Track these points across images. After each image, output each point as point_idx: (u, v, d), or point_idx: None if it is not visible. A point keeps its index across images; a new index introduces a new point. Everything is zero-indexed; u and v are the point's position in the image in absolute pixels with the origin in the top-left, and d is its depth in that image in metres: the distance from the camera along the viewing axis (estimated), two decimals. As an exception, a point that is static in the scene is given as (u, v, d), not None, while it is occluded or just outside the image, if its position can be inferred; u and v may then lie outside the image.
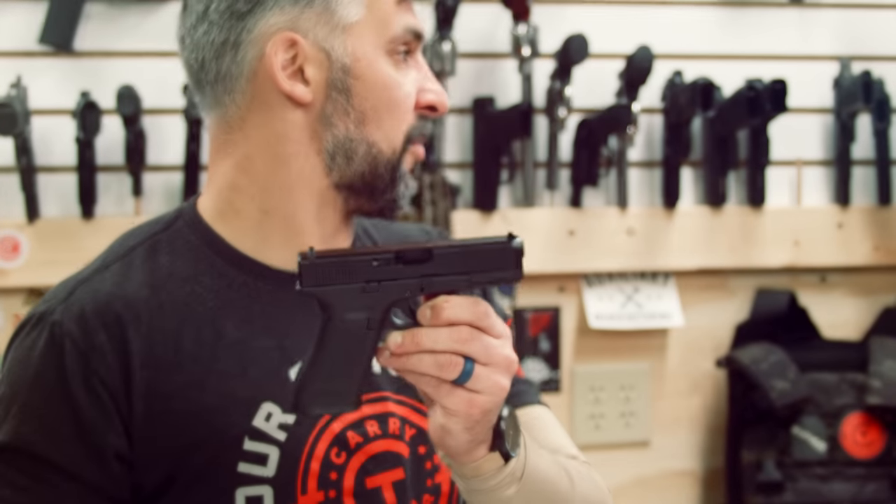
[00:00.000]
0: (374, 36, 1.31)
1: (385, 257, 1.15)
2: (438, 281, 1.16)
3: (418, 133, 1.35)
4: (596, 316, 2.65)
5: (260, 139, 1.33)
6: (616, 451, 2.68)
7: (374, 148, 1.32)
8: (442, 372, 1.15)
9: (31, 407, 1.26)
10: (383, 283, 1.15)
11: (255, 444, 1.28)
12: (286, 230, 1.34)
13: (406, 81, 1.33)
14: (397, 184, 1.35)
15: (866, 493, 2.54)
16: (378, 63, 1.31)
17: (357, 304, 1.15)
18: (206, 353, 1.29)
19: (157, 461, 1.27)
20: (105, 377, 1.26)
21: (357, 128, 1.32)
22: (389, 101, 1.32)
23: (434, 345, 1.14)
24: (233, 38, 1.31)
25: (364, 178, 1.33)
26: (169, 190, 2.49)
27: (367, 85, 1.31)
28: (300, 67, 1.30)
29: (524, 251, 1.18)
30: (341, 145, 1.32)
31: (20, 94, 2.35)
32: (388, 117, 1.32)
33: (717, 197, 2.67)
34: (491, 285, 1.20)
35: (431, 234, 1.54)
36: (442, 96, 1.36)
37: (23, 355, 1.28)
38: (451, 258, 1.16)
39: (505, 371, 1.17)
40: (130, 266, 1.33)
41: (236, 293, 1.33)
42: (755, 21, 2.75)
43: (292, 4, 1.30)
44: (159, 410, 1.26)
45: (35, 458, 1.25)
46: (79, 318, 1.27)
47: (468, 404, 1.16)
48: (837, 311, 2.79)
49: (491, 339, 1.16)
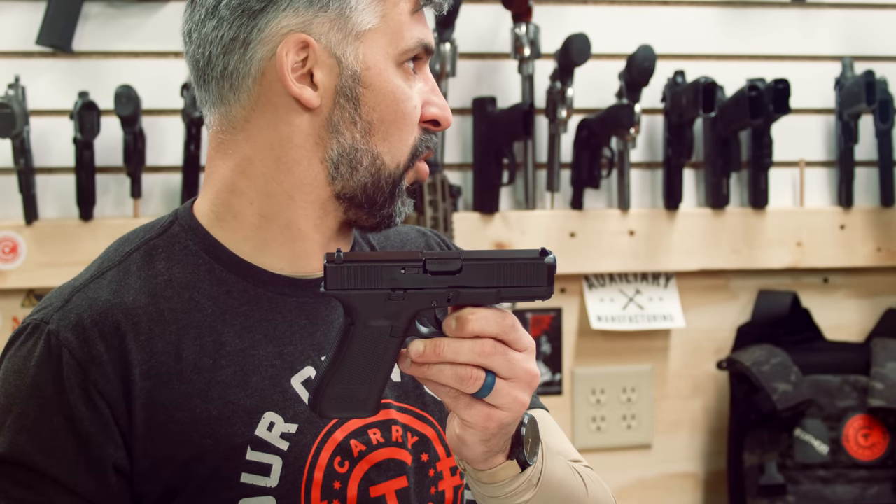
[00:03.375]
0: (387, 46, 1.30)
1: (413, 265, 1.14)
2: (466, 293, 1.14)
3: (424, 147, 1.34)
4: (597, 317, 2.64)
5: (263, 141, 1.31)
6: (617, 453, 2.67)
7: (379, 160, 1.31)
8: (462, 385, 1.14)
9: (27, 418, 1.24)
10: (409, 292, 1.14)
11: (257, 454, 1.27)
12: (285, 236, 1.33)
13: (414, 94, 1.32)
14: (395, 199, 1.33)
15: (869, 495, 2.53)
16: (388, 73, 1.30)
17: (382, 310, 1.14)
18: (206, 362, 1.28)
19: (158, 473, 1.25)
20: (104, 389, 1.24)
21: (363, 138, 1.30)
22: (397, 113, 1.31)
23: (455, 356, 1.13)
24: (243, 35, 1.29)
25: (366, 189, 1.32)
26: (168, 191, 2.48)
27: (376, 95, 1.30)
28: (310, 71, 1.29)
29: (556, 268, 1.16)
30: (346, 154, 1.30)
31: (18, 95, 2.35)
32: (395, 129, 1.31)
33: (719, 198, 2.66)
34: (520, 301, 1.18)
35: (428, 235, 1.53)
36: (446, 111, 1.35)
37: (19, 365, 1.26)
38: (481, 270, 1.14)
39: (526, 386, 1.16)
40: (127, 273, 1.31)
41: (235, 300, 1.32)
42: (757, 21, 2.74)
43: (307, 7, 1.28)
44: (160, 421, 1.25)
45: (32, 470, 1.23)
46: (76, 327, 1.26)
47: (486, 418, 1.15)
48: (840, 313, 2.78)
49: (514, 354, 1.15)
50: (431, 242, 1.51)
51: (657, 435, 2.70)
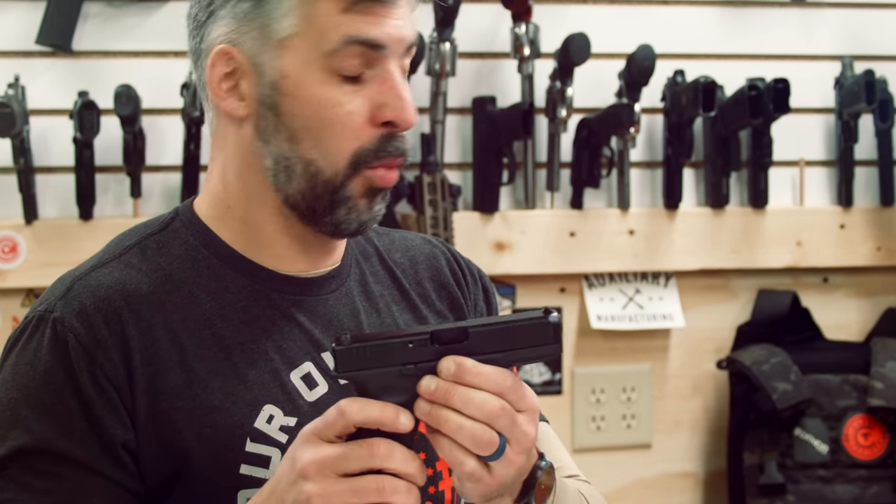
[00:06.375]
0: (310, 50, 1.26)
1: (420, 339, 1.14)
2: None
3: (375, 154, 1.28)
4: (597, 317, 2.64)
5: (228, 149, 1.34)
6: (617, 453, 2.67)
7: (313, 167, 1.28)
8: (478, 446, 1.13)
9: (44, 406, 1.24)
10: (419, 365, 1.14)
11: (257, 445, 1.27)
12: (264, 239, 1.34)
13: (347, 100, 1.26)
14: (338, 207, 1.29)
15: (869, 495, 2.53)
16: (309, 80, 1.26)
17: (394, 386, 1.14)
18: (206, 353, 1.28)
19: (159, 461, 1.26)
20: (110, 373, 1.25)
21: (291, 146, 1.28)
22: (324, 121, 1.26)
23: (464, 406, 1.12)
24: (195, 46, 1.33)
25: (304, 197, 1.29)
26: (168, 191, 2.48)
27: (297, 102, 1.27)
28: (237, 82, 1.29)
29: (562, 325, 1.16)
30: (280, 162, 1.29)
31: (18, 95, 2.35)
32: (327, 136, 1.27)
33: (718, 198, 2.66)
34: (529, 362, 1.18)
35: (434, 244, 1.51)
36: (401, 112, 1.27)
37: (30, 357, 1.27)
38: (488, 336, 1.14)
39: (524, 451, 1.15)
40: (128, 265, 1.32)
41: (234, 295, 1.32)
42: (757, 20, 2.74)
43: (235, 18, 1.28)
44: (161, 408, 1.26)
45: (55, 455, 1.23)
46: (80, 313, 1.26)
47: (490, 478, 1.14)
48: (839, 313, 2.78)
49: (519, 416, 1.14)
50: (437, 252, 1.50)
51: (657, 434, 2.70)
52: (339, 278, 1.38)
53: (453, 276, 1.48)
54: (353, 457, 1.12)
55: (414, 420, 1.14)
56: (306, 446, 1.14)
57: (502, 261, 2.55)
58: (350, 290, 1.39)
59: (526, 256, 2.58)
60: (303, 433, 1.15)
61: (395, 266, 1.45)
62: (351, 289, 1.39)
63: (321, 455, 1.12)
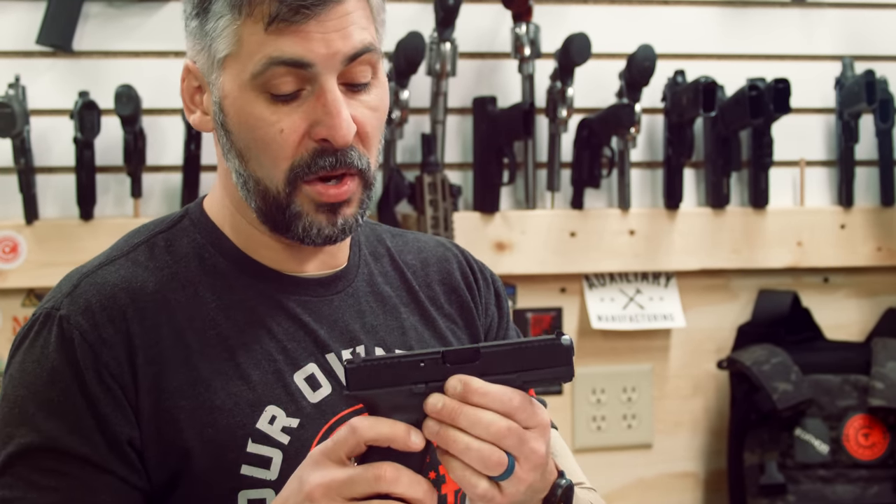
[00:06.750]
0: (240, 71, 1.26)
1: (432, 358, 1.14)
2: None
3: (308, 169, 1.26)
4: (598, 317, 2.64)
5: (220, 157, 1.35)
6: (618, 453, 2.67)
7: (261, 185, 1.29)
8: (487, 467, 1.12)
9: (51, 403, 1.25)
10: (430, 385, 1.14)
11: (258, 446, 1.27)
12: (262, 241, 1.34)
13: (277, 118, 1.26)
14: (293, 223, 1.29)
15: (869, 495, 2.53)
16: (242, 100, 1.27)
17: (405, 405, 1.14)
18: (210, 353, 1.29)
19: (162, 459, 1.26)
20: (115, 371, 1.25)
21: (241, 163, 1.30)
22: (256, 141, 1.27)
23: (470, 426, 1.12)
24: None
25: (263, 212, 1.30)
26: (168, 191, 2.48)
27: (236, 122, 1.28)
28: (203, 97, 1.32)
29: (573, 348, 1.16)
30: (239, 178, 1.31)
31: (19, 95, 2.34)
32: (263, 155, 1.27)
33: (719, 198, 2.66)
34: (540, 385, 1.17)
35: (448, 247, 1.51)
36: (335, 130, 1.24)
37: (37, 354, 1.27)
38: (499, 357, 1.14)
39: (534, 468, 1.15)
40: (135, 263, 1.32)
41: (239, 295, 1.32)
42: (757, 21, 2.74)
43: (191, 34, 1.30)
44: (164, 406, 1.26)
45: (62, 453, 1.24)
46: (85, 310, 1.27)
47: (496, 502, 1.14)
48: (840, 313, 2.78)
49: (527, 434, 1.14)
50: (449, 255, 1.49)
51: (657, 434, 2.70)
52: (345, 279, 1.38)
53: (465, 279, 1.48)
54: (360, 480, 1.11)
55: (425, 439, 1.13)
56: (315, 468, 1.14)
57: (503, 261, 2.55)
58: (357, 290, 1.39)
59: (526, 256, 2.58)
60: (312, 454, 1.15)
61: (405, 267, 1.44)
62: (358, 289, 1.39)
63: (328, 478, 1.12)
